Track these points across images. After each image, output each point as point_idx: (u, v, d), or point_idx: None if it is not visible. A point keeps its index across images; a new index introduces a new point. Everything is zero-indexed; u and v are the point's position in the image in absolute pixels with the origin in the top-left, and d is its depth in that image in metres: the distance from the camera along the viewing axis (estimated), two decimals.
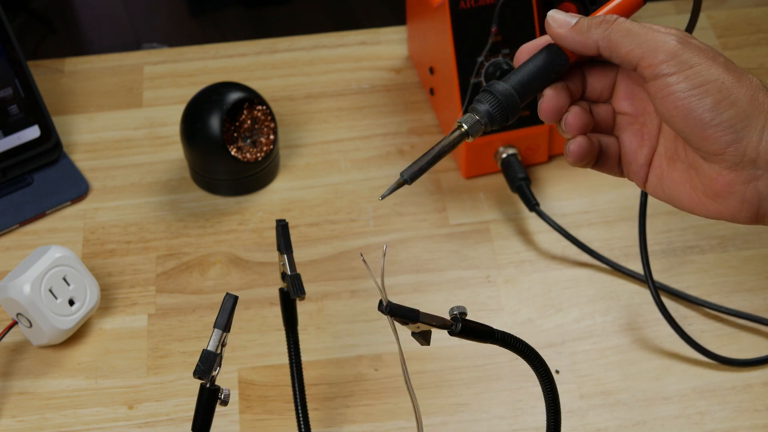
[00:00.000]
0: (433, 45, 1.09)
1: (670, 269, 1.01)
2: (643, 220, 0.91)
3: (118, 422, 0.91)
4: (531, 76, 0.63)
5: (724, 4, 1.27)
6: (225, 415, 0.91)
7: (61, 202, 1.07)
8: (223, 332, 0.58)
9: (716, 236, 1.03)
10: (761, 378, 0.93)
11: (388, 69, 1.19)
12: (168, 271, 1.02)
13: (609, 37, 0.61)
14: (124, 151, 1.12)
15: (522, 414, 0.91)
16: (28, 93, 1.07)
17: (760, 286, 1.00)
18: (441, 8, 1.03)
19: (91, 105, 1.16)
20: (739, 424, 0.90)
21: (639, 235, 0.93)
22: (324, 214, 1.06)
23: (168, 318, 0.98)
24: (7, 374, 0.94)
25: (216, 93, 1.04)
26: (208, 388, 0.58)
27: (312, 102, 1.16)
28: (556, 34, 0.63)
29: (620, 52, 0.61)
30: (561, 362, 0.94)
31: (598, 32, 0.61)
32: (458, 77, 1.03)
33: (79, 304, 0.94)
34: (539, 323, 0.97)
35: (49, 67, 1.20)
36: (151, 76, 1.19)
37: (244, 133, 1.06)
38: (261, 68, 1.20)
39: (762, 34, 1.22)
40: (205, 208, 1.07)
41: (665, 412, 0.91)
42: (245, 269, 1.02)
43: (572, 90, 0.64)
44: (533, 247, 1.03)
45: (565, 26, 0.62)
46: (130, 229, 1.05)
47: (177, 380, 0.94)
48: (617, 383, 0.93)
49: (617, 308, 0.99)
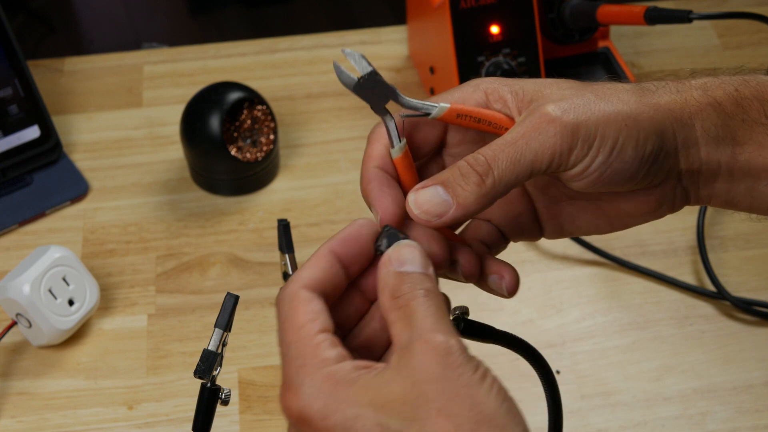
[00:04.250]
0: (434, 45, 1.09)
1: (670, 269, 1.01)
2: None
3: (117, 422, 0.91)
4: None
5: (724, 4, 1.26)
6: (225, 416, 0.90)
7: (61, 202, 1.07)
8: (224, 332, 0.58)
9: (717, 236, 1.03)
10: (762, 378, 0.93)
11: (389, 69, 1.19)
12: (168, 271, 1.01)
13: (500, 186, 0.53)
14: (124, 151, 1.12)
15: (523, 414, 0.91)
16: (27, 93, 1.07)
17: (760, 286, 1.00)
18: (441, 8, 1.03)
19: (91, 105, 1.16)
20: (740, 425, 0.90)
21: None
22: (324, 214, 1.06)
23: (168, 318, 0.98)
24: (7, 374, 0.94)
25: (216, 93, 1.04)
26: (209, 388, 0.58)
27: (312, 102, 1.16)
28: (443, 221, 0.53)
29: (522, 179, 0.53)
30: (562, 362, 0.94)
31: (486, 190, 0.53)
32: (459, 77, 1.03)
33: (78, 305, 0.94)
34: (540, 323, 0.97)
35: (49, 66, 1.20)
36: (151, 76, 1.19)
37: (244, 132, 1.05)
38: (261, 68, 1.20)
39: (762, 34, 1.22)
40: (205, 208, 1.07)
41: (666, 413, 0.91)
42: (245, 269, 1.01)
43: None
44: (534, 246, 1.03)
45: (445, 210, 0.53)
46: (130, 229, 1.05)
47: (177, 380, 0.94)
48: (618, 383, 0.93)
49: (618, 308, 0.99)
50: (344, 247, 0.53)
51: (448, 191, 0.53)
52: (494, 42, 1.03)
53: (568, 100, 0.54)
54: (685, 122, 0.55)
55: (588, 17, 1.08)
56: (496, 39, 1.03)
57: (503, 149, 0.53)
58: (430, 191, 0.53)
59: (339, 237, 0.54)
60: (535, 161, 0.53)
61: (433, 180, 0.54)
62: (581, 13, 1.08)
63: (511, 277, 0.58)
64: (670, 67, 1.20)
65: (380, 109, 0.55)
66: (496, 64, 1.03)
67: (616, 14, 1.05)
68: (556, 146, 0.53)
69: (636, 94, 0.55)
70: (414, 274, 0.51)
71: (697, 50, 1.22)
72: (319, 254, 0.53)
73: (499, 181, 0.53)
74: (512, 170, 0.53)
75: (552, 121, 0.53)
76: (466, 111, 0.56)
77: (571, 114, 0.53)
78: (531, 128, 0.53)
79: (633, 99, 0.55)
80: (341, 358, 0.49)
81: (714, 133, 0.56)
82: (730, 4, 1.26)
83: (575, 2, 1.08)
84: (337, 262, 0.53)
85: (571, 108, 0.53)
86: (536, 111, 0.54)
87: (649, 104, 0.55)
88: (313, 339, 0.50)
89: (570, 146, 0.53)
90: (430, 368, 0.46)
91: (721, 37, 1.22)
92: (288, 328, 0.51)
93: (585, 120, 0.53)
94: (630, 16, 1.04)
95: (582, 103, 0.54)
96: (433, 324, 0.48)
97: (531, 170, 0.53)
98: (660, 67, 1.20)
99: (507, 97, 0.56)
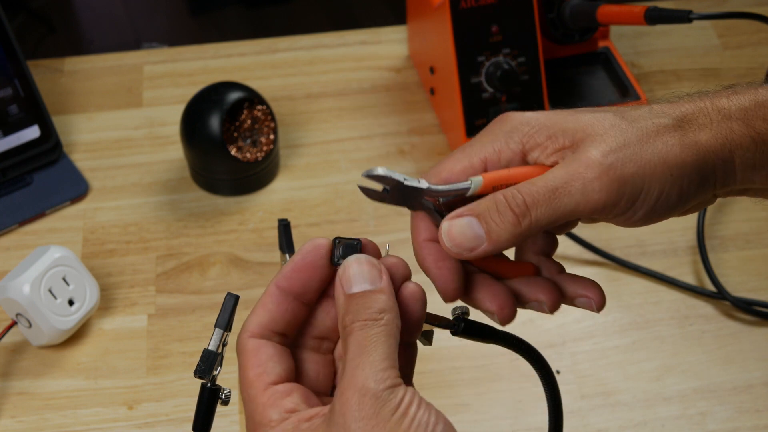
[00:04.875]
0: (434, 44, 1.09)
1: (671, 269, 1.01)
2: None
3: (117, 422, 0.91)
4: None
5: (724, 4, 1.26)
6: (225, 416, 0.90)
7: (61, 202, 1.07)
8: (224, 332, 0.58)
9: (717, 236, 1.03)
10: (762, 378, 0.93)
11: (389, 69, 1.19)
12: (168, 271, 1.01)
13: (535, 228, 0.53)
14: (124, 151, 1.12)
15: (523, 414, 0.91)
16: (27, 93, 1.07)
17: (760, 286, 1.00)
18: (441, 8, 1.03)
19: (91, 105, 1.16)
20: (741, 425, 0.90)
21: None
22: (324, 214, 1.06)
23: (168, 318, 0.98)
24: (7, 374, 0.94)
25: (216, 93, 1.04)
26: (209, 388, 0.58)
27: (312, 102, 1.16)
28: (473, 255, 0.54)
29: (559, 222, 0.54)
30: (562, 362, 0.94)
31: (521, 231, 0.53)
32: (459, 77, 1.03)
33: (78, 305, 0.94)
34: (540, 323, 0.97)
35: (49, 66, 1.20)
36: (150, 76, 1.19)
37: (244, 132, 1.05)
38: (261, 68, 1.20)
39: (762, 34, 1.22)
40: (205, 208, 1.07)
41: (666, 413, 0.91)
42: (245, 269, 1.01)
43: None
44: None
45: (477, 244, 0.54)
46: (130, 229, 1.05)
47: (177, 380, 0.94)
48: (618, 383, 0.93)
49: (618, 308, 0.98)
50: (290, 280, 0.54)
51: (482, 225, 0.53)
52: (494, 42, 1.03)
53: (610, 141, 0.53)
54: (726, 158, 0.55)
55: (588, 17, 1.08)
56: (496, 39, 1.03)
57: (543, 194, 0.52)
58: (465, 223, 0.53)
59: (284, 271, 0.55)
60: (576, 211, 0.53)
61: (468, 210, 0.54)
62: (581, 13, 1.08)
63: (597, 296, 0.58)
64: (670, 67, 1.20)
65: (416, 205, 0.55)
66: (496, 64, 1.03)
67: (616, 14, 1.05)
68: (600, 201, 0.53)
69: (678, 134, 0.54)
70: (359, 297, 0.52)
71: (697, 50, 1.22)
72: (265, 295, 0.55)
73: (535, 224, 0.53)
74: (550, 216, 0.53)
75: (598, 176, 0.52)
76: (501, 181, 0.55)
77: (618, 167, 0.52)
78: (574, 176, 0.52)
79: (676, 141, 0.54)
80: (283, 418, 0.51)
81: (752, 162, 0.56)
82: (730, 4, 1.26)
83: (575, 2, 1.08)
84: (287, 298, 0.55)
85: (618, 159, 0.53)
86: (580, 155, 0.53)
87: (691, 146, 0.54)
88: (261, 397, 0.52)
89: (615, 202, 0.53)
90: (351, 425, 0.48)
91: (721, 37, 1.22)
92: (242, 383, 0.54)
93: (631, 174, 0.53)
94: (630, 16, 1.04)
95: (626, 151, 0.53)
96: (357, 366, 0.49)
97: (570, 217, 0.53)
98: (660, 67, 1.20)
99: (546, 144, 0.55)
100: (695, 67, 1.20)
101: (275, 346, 0.54)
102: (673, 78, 1.19)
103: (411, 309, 0.54)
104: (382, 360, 0.49)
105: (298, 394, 0.53)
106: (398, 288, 0.54)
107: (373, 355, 0.50)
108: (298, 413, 0.52)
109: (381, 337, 0.50)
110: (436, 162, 0.58)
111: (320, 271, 0.54)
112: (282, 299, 0.54)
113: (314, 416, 0.51)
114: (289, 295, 0.55)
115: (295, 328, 0.56)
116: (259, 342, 0.54)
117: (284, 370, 0.54)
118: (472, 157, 0.56)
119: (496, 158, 0.56)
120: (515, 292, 0.58)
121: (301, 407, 0.52)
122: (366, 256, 0.53)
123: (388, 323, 0.51)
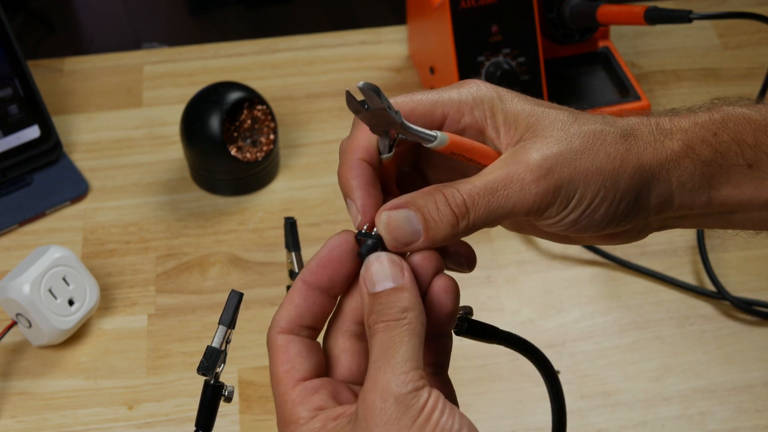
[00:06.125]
0: (434, 45, 1.09)
1: (671, 269, 1.01)
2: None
3: (117, 422, 0.91)
4: None
5: (724, 4, 1.26)
6: (225, 416, 0.90)
7: (61, 202, 1.07)
8: (228, 329, 0.58)
9: (717, 236, 1.03)
10: (762, 378, 0.93)
11: (389, 69, 1.19)
12: (168, 271, 1.01)
13: (472, 228, 0.54)
14: (124, 151, 1.12)
15: (523, 414, 0.91)
16: (27, 93, 1.07)
17: (760, 286, 1.00)
18: (441, 8, 1.03)
19: (91, 105, 1.16)
20: (741, 425, 0.90)
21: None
22: (324, 214, 1.06)
23: (168, 318, 0.98)
24: (7, 374, 0.94)
25: (216, 93, 1.04)
26: (212, 385, 0.58)
27: (312, 102, 1.16)
28: (409, 249, 0.54)
29: (495, 224, 0.54)
30: (562, 362, 0.94)
31: (458, 231, 0.53)
32: (459, 77, 1.03)
33: (78, 305, 0.94)
34: (540, 323, 0.97)
35: (49, 66, 1.20)
36: (150, 76, 1.19)
37: (244, 132, 1.05)
38: (261, 68, 1.20)
39: (762, 34, 1.22)
40: (205, 208, 1.07)
41: (666, 413, 0.91)
42: (245, 269, 1.01)
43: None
44: (534, 247, 1.03)
45: (414, 239, 0.53)
46: (130, 229, 1.05)
47: (177, 380, 0.94)
48: (618, 383, 0.93)
49: (618, 308, 0.99)
50: (317, 275, 0.54)
51: (420, 221, 0.53)
52: (494, 42, 1.03)
53: (553, 145, 0.54)
54: (663, 179, 0.56)
55: (588, 17, 1.08)
56: (496, 39, 1.03)
57: (483, 195, 0.53)
58: (403, 216, 0.53)
59: (310, 266, 0.55)
60: (512, 212, 0.54)
61: (407, 201, 0.54)
62: (581, 13, 1.08)
63: (468, 253, 0.59)
64: (670, 67, 1.20)
65: (379, 131, 0.56)
66: (496, 64, 1.03)
67: (616, 14, 1.05)
68: (535, 204, 0.54)
69: (623, 147, 0.55)
70: (382, 296, 0.52)
71: (697, 50, 1.22)
72: (293, 290, 0.55)
73: (472, 226, 0.54)
74: (487, 217, 0.54)
75: (535, 180, 0.53)
76: (461, 148, 0.56)
77: (555, 173, 0.54)
78: (514, 178, 0.54)
79: (619, 154, 0.55)
80: (312, 416, 0.52)
81: (690, 185, 0.56)
82: (730, 4, 1.26)
83: (575, 2, 1.08)
84: (314, 292, 0.55)
85: (556, 164, 0.54)
86: (521, 156, 0.54)
87: (632, 162, 0.55)
88: (290, 395, 0.53)
89: (548, 205, 0.54)
90: (374, 430, 0.48)
91: (721, 37, 1.22)
92: (272, 379, 0.54)
93: (567, 179, 0.54)
94: (630, 16, 1.04)
95: (567, 156, 0.54)
96: (380, 369, 0.49)
97: (505, 218, 0.54)
98: (660, 67, 1.20)
99: (500, 128, 0.56)
100: (695, 67, 1.20)
101: (303, 341, 0.55)
102: (673, 78, 1.19)
103: (443, 302, 0.55)
104: (405, 362, 0.50)
105: (327, 390, 0.53)
106: (430, 281, 0.54)
107: (395, 357, 0.50)
108: (326, 411, 0.52)
109: (404, 337, 0.50)
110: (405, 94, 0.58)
111: (347, 265, 0.54)
112: (309, 294, 0.55)
113: (341, 415, 0.51)
114: (316, 290, 0.55)
115: (323, 321, 0.56)
116: (287, 338, 0.54)
117: (313, 365, 0.54)
118: (436, 108, 0.57)
119: (456, 119, 0.57)
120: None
121: (329, 404, 0.52)
122: (386, 254, 0.53)
123: (412, 322, 0.51)
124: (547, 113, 0.56)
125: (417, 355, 0.50)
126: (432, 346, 0.55)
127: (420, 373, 0.50)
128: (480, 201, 0.53)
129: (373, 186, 0.56)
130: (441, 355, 0.56)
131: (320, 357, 0.55)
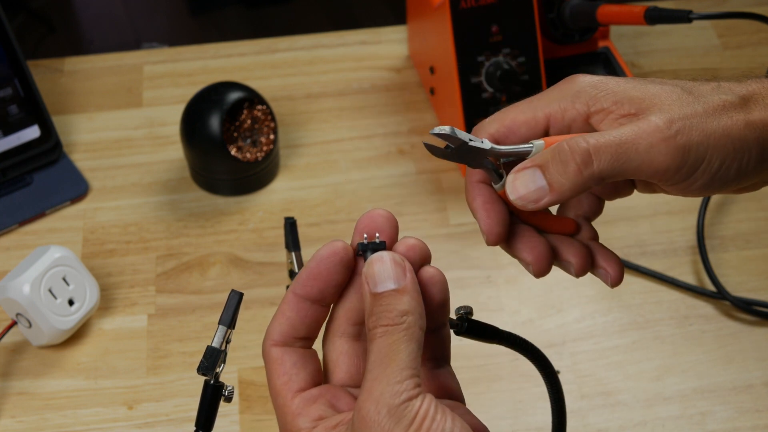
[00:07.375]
0: (434, 44, 1.09)
1: (671, 269, 1.01)
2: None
3: (117, 422, 0.91)
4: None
5: (724, 4, 1.26)
6: (225, 416, 0.90)
7: (61, 202, 1.07)
8: (228, 329, 0.58)
9: (717, 236, 1.03)
10: (762, 378, 0.93)
11: (389, 69, 1.19)
12: (168, 271, 1.01)
13: (597, 179, 0.53)
14: (124, 151, 1.12)
15: (523, 414, 0.91)
16: (27, 93, 1.07)
17: (760, 286, 1.00)
18: (441, 8, 1.03)
19: (91, 105, 1.16)
20: (741, 425, 0.90)
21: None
22: (324, 214, 1.06)
23: (168, 318, 0.98)
24: (7, 374, 0.94)
25: (216, 93, 1.04)
26: (212, 385, 0.58)
27: (312, 102, 1.16)
28: (539, 206, 0.54)
29: (619, 178, 0.54)
30: (562, 362, 0.94)
31: (583, 180, 0.53)
32: (459, 77, 1.03)
33: (78, 304, 0.94)
34: (540, 323, 0.97)
35: (49, 66, 1.20)
36: (150, 76, 1.19)
37: (244, 132, 1.05)
38: (261, 68, 1.20)
39: (762, 34, 1.22)
40: (205, 208, 1.07)
41: (666, 413, 0.91)
42: (245, 269, 1.01)
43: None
44: None
45: (541, 195, 0.54)
46: (130, 229, 1.05)
47: (177, 380, 0.94)
48: (618, 383, 0.93)
49: (618, 308, 0.99)
50: (307, 287, 0.54)
51: (545, 176, 0.53)
52: (494, 42, 1.03)
53: (676, 111, 0.54)
54: None
55: (588, 17, 1.08)
56: (496, 39, 1.03)
57: (609, 144, 0.53)
58: (528, 175, 0.54)
59: (300, 278, 0.54)
60: (638, 170, 0.53)
61: (531, 161, 0.54)
62: (581, 13, 1.08)
63: (615, 272, 0.59)
64: (670, 68, 1.20)
65: (476, 164, 0.56)
66: (496, 64, 1.03)
67: (616, 14, 1.05)
68: (663, 165, 0.53)
69: (743, 112, 0.55)
70: (383, 297, 0.51)
71: (697, 50, 1.22)
72: (284, 302, 0.55)
73: (597, 174, 0.53)
74: (613, 168, 0.53)
75: (665, 139, 0.53)
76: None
77: (684, 135, 0.53)
78: (641, 136, 0.53)
79: (740, 118, 0.55)
80: (312, 426, 0.52)
81: None
82: (730, 4, 1.26)
83: (575, 2, 1.08)
84: (305, 303, 0.54)
85: (684, 127, 0.53)
86: (647, 120, 0.53)
87: (754, 124, 0.55)
88: (290, 407, 0.53)
89: (678, 168, 0.53)
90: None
91: (721, 37, 1.22)
92: (271, 392, 0.54)
93: (696, 142, 0.53)
94: (630, 16, 1.04)
95: (692, 120, 0.54)
96: (376, 379, 0.49)
97: (631, 174, 0.53)
98: (660, 67, 1.20)
99: (611, 109, 0.55)
100: (695, 67, 1.20)
101: (297, 351, 0.55)
102: (673, 78, 1.19)
103: (431, 293, 0.54)
104: (401, 371, 0.50)
105: (326, 399, 0.54)
106: (416, 271, 0.54)
107: (391, 366, 0.50)
108: (325, 420, 0.52)
109: (401, 344, 0.50)
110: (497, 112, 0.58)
111: (336, 276, 0.54)
112: (300, 306, 0.55)
113: (339, 423, 0.52)
114: (306, 301, 0.55)
115: (317, 330, 0.56)
116: (282, 350, 0.55)
117: (310, 374, 0.54)
118: (537, 111, 0.57)
119: (560, 116, 0.56)
120: (552, 247, 0.59)
121: (328, 413, 0.53)
122: (389, 253, 0.53)
123: (410, 326, 0.51)
124: (661, 87, 0.56)
125: (414, 362, 0.50)
126: (429, 341, 0.54)
127: (416, 381, 0.50)
128: (605, 150, 0.53)
129: (492, 203, 0.57)
130: (440, 349, 0.56)
131: (317, 365, 0.55)
